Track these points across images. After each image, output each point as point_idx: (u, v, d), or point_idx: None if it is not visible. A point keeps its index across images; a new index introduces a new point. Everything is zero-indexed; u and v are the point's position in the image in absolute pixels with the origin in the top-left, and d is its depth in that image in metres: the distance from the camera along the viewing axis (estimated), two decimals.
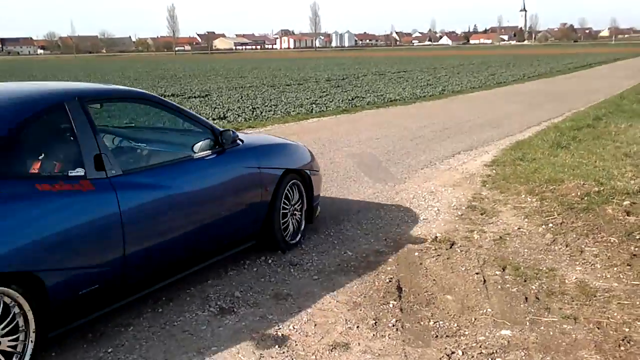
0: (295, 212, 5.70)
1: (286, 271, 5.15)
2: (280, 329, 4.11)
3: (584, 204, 6.81)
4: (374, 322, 4.20)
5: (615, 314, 4.25)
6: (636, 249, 5.54)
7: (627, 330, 4.02)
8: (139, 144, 5.00)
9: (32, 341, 3.36)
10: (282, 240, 5.47)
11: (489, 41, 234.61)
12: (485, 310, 4.36)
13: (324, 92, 24.08)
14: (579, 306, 4.39)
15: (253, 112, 17.32)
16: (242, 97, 22.25)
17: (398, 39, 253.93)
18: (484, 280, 4.90)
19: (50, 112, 3.81)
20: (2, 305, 3.17)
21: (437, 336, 4.02)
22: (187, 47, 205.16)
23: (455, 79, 31.00)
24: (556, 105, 17.84)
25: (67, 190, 3.54)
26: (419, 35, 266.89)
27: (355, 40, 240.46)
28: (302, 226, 5.82)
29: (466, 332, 4.06)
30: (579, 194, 7.15)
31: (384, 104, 19.30)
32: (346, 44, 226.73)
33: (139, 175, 4.12)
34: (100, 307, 3.84)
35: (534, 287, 4.74)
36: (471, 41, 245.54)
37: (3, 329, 3.20)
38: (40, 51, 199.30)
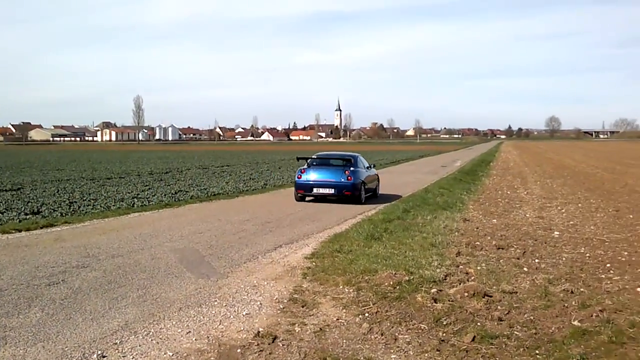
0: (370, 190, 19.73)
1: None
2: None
3: (396, 292, 7.26)
4: None
5: None
6: (444, 334, 5.98)
7: None
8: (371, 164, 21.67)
9: None
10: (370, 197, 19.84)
11: (308, 137, 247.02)
12: None
13: (146, 185, 23.59)
14: None
15: (70, 206, 16.42)
16: (58, 190, 21.04)
17: (222, 133, 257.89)
18: None
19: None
20: None
21: None
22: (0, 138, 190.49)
23: (277, 174, 32.01)
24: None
25: None
26: (242, 130, 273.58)
27: (179, 134, 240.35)
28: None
29: None
30: (391, 283, 7.61)
31: (208, 198, 19.30)
32: (170, 138, 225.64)
33: (371, 169, 20.59)
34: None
35: None
36: (291, 137, 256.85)
37: None
38: None
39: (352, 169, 18.23)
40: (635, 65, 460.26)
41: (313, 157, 19.49)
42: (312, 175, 18.10)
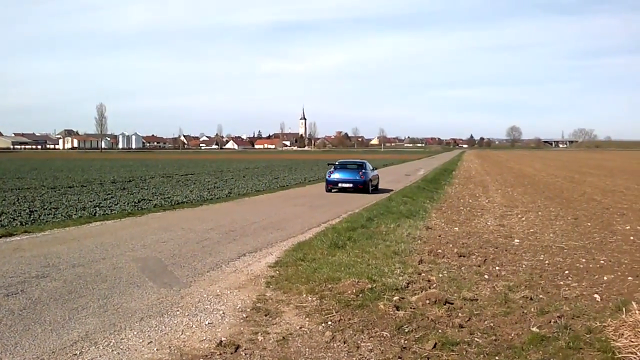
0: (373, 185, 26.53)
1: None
2: None
3: (359, 300, 7.30)
4: None
5: None
6: (406, 341, 6.04)
7: None
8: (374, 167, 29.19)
9: None
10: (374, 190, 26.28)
11: (273, 146, 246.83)
12: None
13: (108, 194, 23.23)
14: None
15: (30, 215, 16.07)
16: (18, 199, 20.57)
17: (186, 142, 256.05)
18: None
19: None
20: None
21: None
22: None
23: (242, 182, 31.89)
24: (334, 207, 19.16)
25: None
26: (207, 139, 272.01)
27: (143, 142, 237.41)
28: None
29: None
30: (354, 291, 7.65)
31: (171, 207, 19.11)
32: (133, 146, 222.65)
33: (374, 170, 28.06)
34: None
35: None
36: (256, 146, 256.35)
37: None
38: None
39: (363, 170, 26.18)
40: (593, 76, 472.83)
41: (337, 163, 27.72)
42: (337, 175, 26.24)
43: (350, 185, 25.36)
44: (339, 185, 25.62)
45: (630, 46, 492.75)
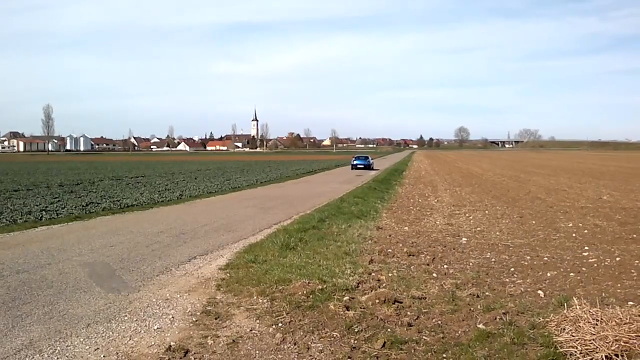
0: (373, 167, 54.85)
1: None
2: None
3: (309, 301, 7.34)
4: None
5: None
6: (355, 341, 6.10)
7: None
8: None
9: None
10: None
11: (225, 148, 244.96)
12: None
13: (55, 197, 22.62)
14: None
15: None
16: None
17: (136, 144, 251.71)
18: None
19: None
20: None
21: None
22: None
23: (193, 184, 31.52)
24: (285, 208, 19.16)
25: None
26: (158, 140, 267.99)
27: (92, 144, 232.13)
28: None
29: None
30: (305, 292, 7.69)
31: (120, 210, 18.77)
32: (82, 148, 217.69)
33: (372, 159, 58.81)
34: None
35: None
36: (208, 147, 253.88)
37: None
38: None
39: (368, 159, 54.62)
40: (537, 78, 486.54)
41: (355, 156, 58.72)
42: (356, 162, 53.80)
43: (362, 166, 52.73)
44: (357, 166, 52.92)
45: (572, 49, 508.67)
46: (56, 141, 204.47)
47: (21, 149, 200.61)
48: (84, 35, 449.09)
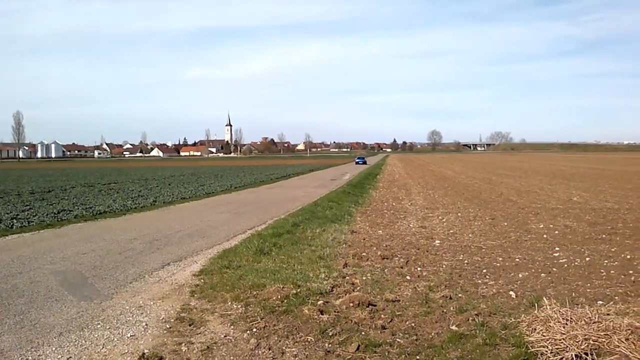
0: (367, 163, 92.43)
1: None
2: None
3: (284, 306, 7.35)
4: None
5: None
6: (330, 345, 6.13)
7: None
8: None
9: None
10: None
11: (199, 153, 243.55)
12: None
13: (26, 205, 22.26)
14: None
15: None
16: None
17: (109, 150, 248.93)
18: None
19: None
20: None
21: None
22: None
23: (167, 190, 31.26)
24: (260, 213, 19.12)
25: None
26: (131, 146, 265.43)
27: (63, 151, 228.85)
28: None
29: None
30: (279, 297, 7.70)
31: (93, 217, 18.54)
32: (53, 155, 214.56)
33: (366, 158, 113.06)
34: None
35: None
36: (182, 153, 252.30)
37: None
38: None
39: (365, 159, 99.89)
40: (508, 82, 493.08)
41: (357, 157, 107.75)
42: (357, 159, 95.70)
43: (362, 162, 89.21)
44: (358, 162, 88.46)
45: (541, 53, 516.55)
46: (27, 148, 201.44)
47: None
48: (54, 41, 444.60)
